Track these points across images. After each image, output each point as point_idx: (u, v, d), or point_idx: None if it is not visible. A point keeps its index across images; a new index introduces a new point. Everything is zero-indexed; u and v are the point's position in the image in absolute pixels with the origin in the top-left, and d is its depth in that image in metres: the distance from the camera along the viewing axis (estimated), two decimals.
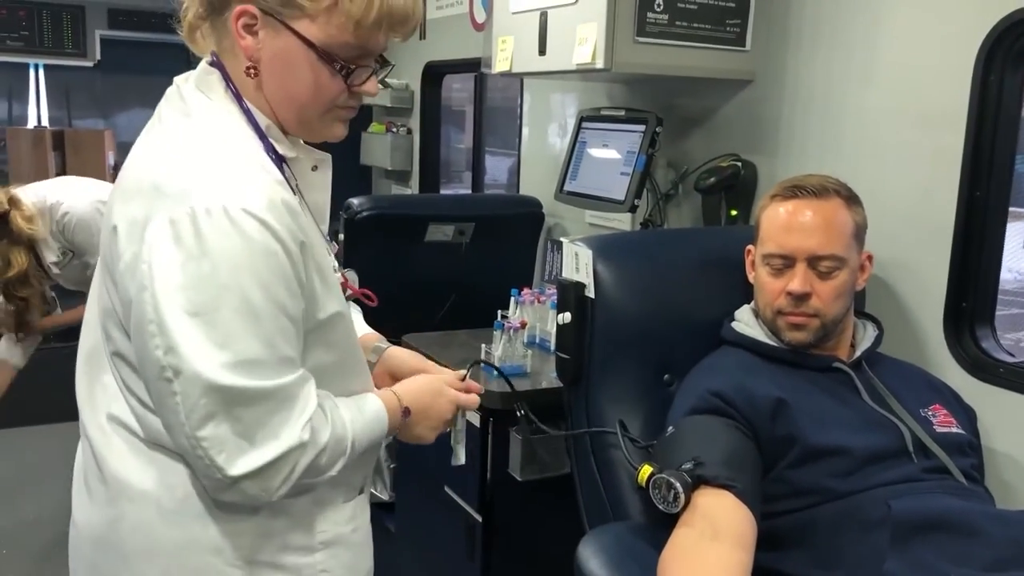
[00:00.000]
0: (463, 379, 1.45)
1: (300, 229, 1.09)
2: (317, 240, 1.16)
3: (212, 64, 1.17)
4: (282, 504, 1.17)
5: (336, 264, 1.27)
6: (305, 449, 1.09)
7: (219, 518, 1.17)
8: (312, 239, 1.12)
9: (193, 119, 1.15)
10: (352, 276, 1.46)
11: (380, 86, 1.23)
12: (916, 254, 1.84)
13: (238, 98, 1.16)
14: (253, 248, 1.04)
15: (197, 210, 1.03)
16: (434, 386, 1.38)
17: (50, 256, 2.81)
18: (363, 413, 1.22)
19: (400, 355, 1.52)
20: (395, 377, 1.46)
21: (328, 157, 1.28)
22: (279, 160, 1.17)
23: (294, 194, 1.14)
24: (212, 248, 1.03)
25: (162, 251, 1.04)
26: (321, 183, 1.27)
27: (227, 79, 1.16)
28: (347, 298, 1.30)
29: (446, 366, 2.15)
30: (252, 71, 1.14)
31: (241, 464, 1.06)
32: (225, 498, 1.12)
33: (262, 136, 1.15)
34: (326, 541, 1.25)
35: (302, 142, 1.24)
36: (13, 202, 2.69)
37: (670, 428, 1.49)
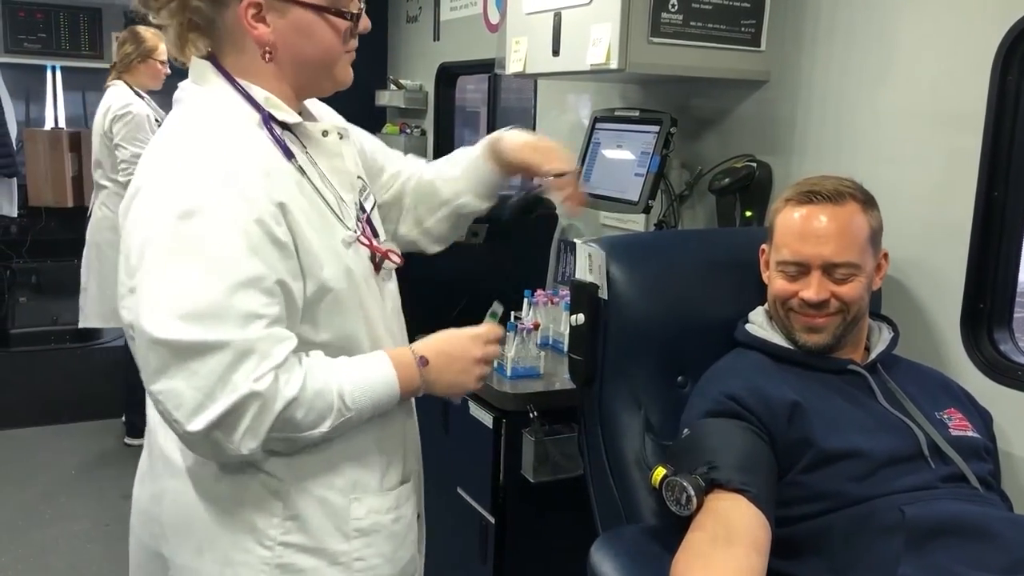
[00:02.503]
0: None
1: (279, 190, 1.13)
2: (307, 205, 1.18)
3: (202, 57, 1.24)
4: (316, 488, 1.21)
5: (357, 233, 1.26)
6: (262, 400, 1.08)
7: (251, 498, 1.20)
8: (295, 203, 1.15)
9: (184, 104, 1.23)
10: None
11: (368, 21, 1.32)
12: (933, 255, 1.83)
13: (230, 80, 1.21)
14: (219, 205, 1.09)
15: (169, 171, 1.12)
16: (449, 331, 1.38)
17: None
18: (362, 368, 1.21)
19: (511, 136, 1.55)
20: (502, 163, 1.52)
21: (348, 128, 1.37)
22: (283, 128, 1.22)
23: (291, 159, 1.20)
24: (177, 206, 1.08)
25: (134, 213, 1.13)
26: (335, 149, 1.30)
27: (217, 66, 1.22)
28: (377, 263, 1.30)
29: None
30: (268, 55, 1.20)
31: (198, 419, 1.07)
32: (198, 453, 1.15)
33: (259, 108, 1.20)
34: (363, 529, 1.26)
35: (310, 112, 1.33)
36: None
37: (685, 430, 1.48)
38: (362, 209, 1.32)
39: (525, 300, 2.40)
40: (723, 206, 2.26)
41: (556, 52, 2.25)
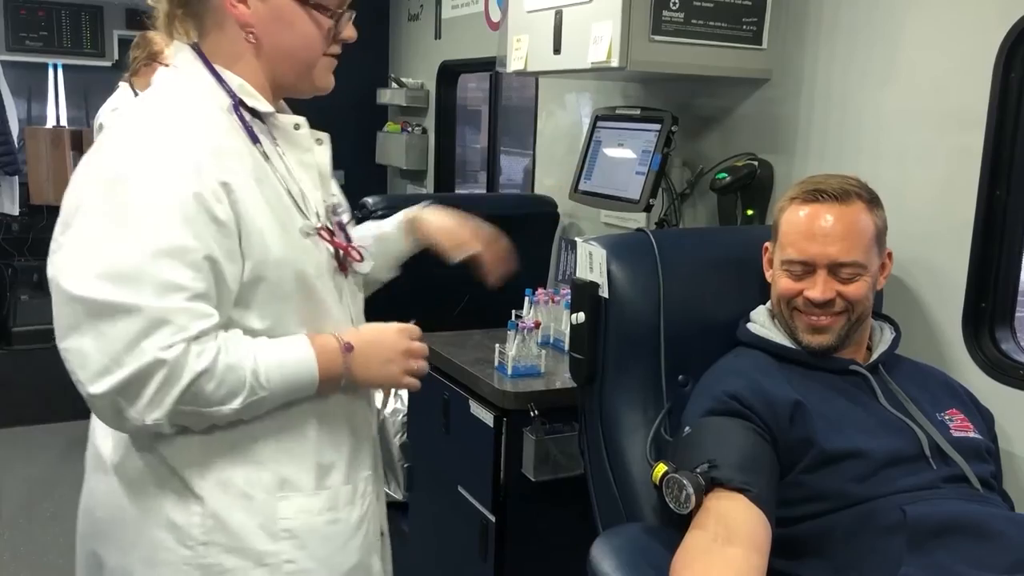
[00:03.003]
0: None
1: (229, 171, 1.14)
2: (263, 190, 1.18)
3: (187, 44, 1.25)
4: (239, 485, 1.19)
5: (317, 225, 1.25)
6: (169, 369, 1.06)
7: (173, 495, 1.18)
8: (246, 185, 1.15)
9: (154, 86, 1.25)
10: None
11: (355, 30, 1.31)
12: (935, 254, 1.82)
13: (208, 65, 1.22)
14: (156, 173, 1.09)
15: (115, 140, 1.15)
16: (376, 324, 1.37)
17: None
18: (279, 348, 1.19)
19: (429, 215, 1.60)
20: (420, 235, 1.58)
21: (325, 136, 1.35)
22: (253, 115, 1.23)
23: (256, 143, 1.21)
24: (114, 170, 1.10)
25: (75, 177, 1.15)
26: (305, 144, 1.30)
27: (199, 53, 1.23)
28: (341, 259, 1.29)
29: (461, 367, 2.17)
30: (251, 36, 1.21)
31: (102, 382, 1.06)
32: (103, 419, 1.13)
33: (231, 94, 1.21)
34: (292, 529, 1.22)
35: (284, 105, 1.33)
36: None
37: (687, 428, 1.47)
38: (334, 212, 1.33)
39: (526, 299, 2.40)
40: (724, 205, 2.26)
41: (557, 50, 2.25)
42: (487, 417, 2.06)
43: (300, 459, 1.25)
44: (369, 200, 2.74)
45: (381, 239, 1.59)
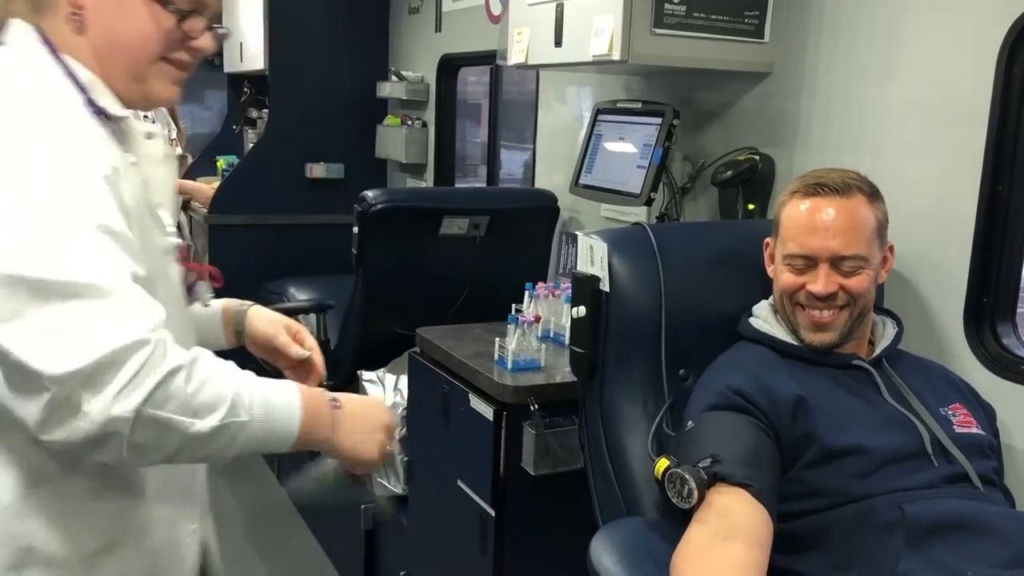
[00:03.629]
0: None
1: (112, 159, 1.02)
2: (132, 193, 1.05)
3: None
4: (43, 551, 1.03)
5: (176, 243, 1.15)
6: (152, 351, 0.93)
7: None
8: (124, 182, 1.03)
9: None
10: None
11: (215, 44, 1.15)
12: (937, 249, 1.82)
13: (53, 51, 1.06)
14: (74, 156, 0.98)
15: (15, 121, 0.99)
16: (363, 397, 1.26)
17: None
18: (264, 381, 1.07)
19: (259, 312, 1.42)
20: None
21: (174, 152, 1.21)
22: (104, 118, 1.08)
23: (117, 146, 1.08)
24: (33, 151, 0.97)
25: None
26: (156, 154, 1.16)
27: (41, 35, 1.07)
28: (190, 282, 1.18)
29: (460, 360, 2.17)
30: (75, 16, 1.05)
31: (69, 360, 0.90)
32: (49, 420, 0.92)
33: (82, 89, 1.06)
34: (96, 550, 1.07)
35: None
36: None
37: (689, 423, 1.47)
38: (179, 233, 1.20)
39: (526, 293, 2.39)
40: (725, 199, 2.25)
41: (558, 43, 2.24)
42: (487, 411, 2.06)
43: (119, 517, 1.09)
44: (369, 194, 2.74)
45: (210, 323, 1.40)
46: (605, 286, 1.66)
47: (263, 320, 1.42)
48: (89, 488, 1.06)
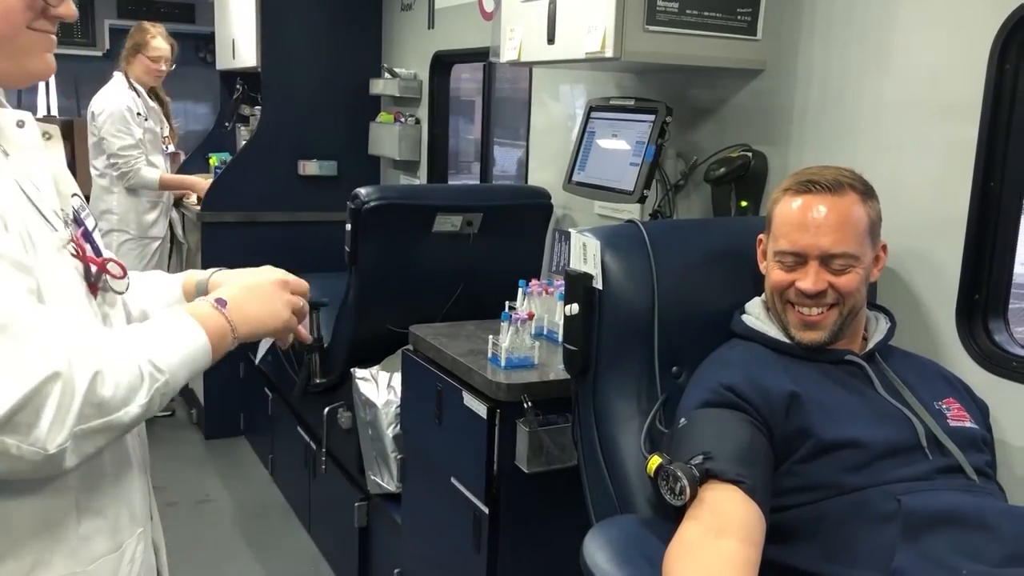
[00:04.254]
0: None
1: None
2: (9, 194, 0.98)
3: None
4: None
5: (68, 237, 1.06)
6: (64, 380, 0.89)
7: None
8: None
9: None
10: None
11: (75, 10, 1.09)
12: (929, 246, 1.82)
13: None
14: None
15: None
16: (242, 270, 1.24)
17: None
18: (159, 326, 1.05)
19: (222, 275, 1.34)
20: None
21: (54, 130, 1.12)
22: None
23: None
24: None
25: None
26: (32, 142, 1.08)
27: None
28: (93, 281, 1.09)
29: (454, 358, 2.17)
30: None
31: None
32: None
33: None
34: (26, 571, 1.00)
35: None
36: None
37: (682, 420, 1.47)
38: (76, 222, 1.10)
39: (520, 290, 2.39)
40: (718, 196, 2.25)
41: (551, 40, 2.23)
42: (480, 408, 2.06)
43: (44, 534, 1.02)
44: (362, 191, 2.73)
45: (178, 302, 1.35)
46: (598, 283, 1.66)
47: (227, 278, 1.33)
48: (9, 509, 0.99)
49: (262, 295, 1.19)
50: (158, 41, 4.16)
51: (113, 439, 0.98)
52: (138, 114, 4.13)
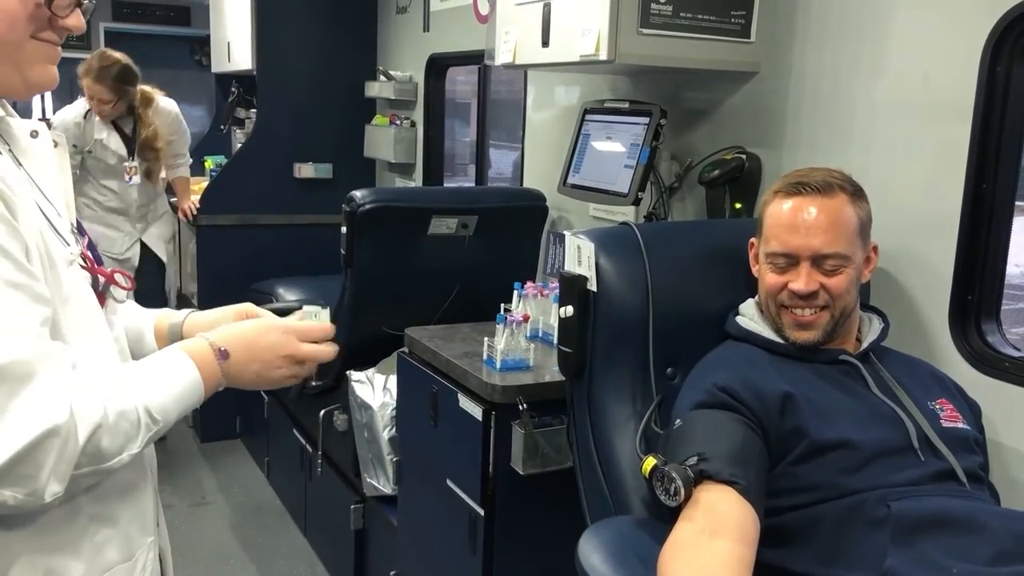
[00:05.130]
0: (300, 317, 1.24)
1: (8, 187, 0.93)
2: (30, 212, 0.97)
3: None
4: None
5: (78, 249, 1.06)
6: (64, 435, 0.89)
7: None
8: (17, 196, 0.94)
9: None
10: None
11: (83, 22, 1.08)
12: (922, 247, 1.83)
13: None
14: None
15: None
16: (258, 322, 1.19)
17: None
18: (162, 373, 1.05)
19: (197, 319, 1.30)
20: None
21: (61, 138, 1.13)
22: None
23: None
24: None
25: None
26: (45, 153, 1.08)
27: None
28: (101, 291, 1.10)
29: (449, 360, 2.17)
30: None
31: None
32: None
33: None
34: None
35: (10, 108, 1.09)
36: None
37: (676, 421, 1.48)
38: (80, 232, 1.10)
39: (515, 292, 2.39)
40: (713, 198, 2.26)
41: (545, 43, 2.24)
42: (475, 411, 2.06)
43: (65, 542, 1.03)
44: (357, 194, 2.74)
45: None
46: (592, 286, 1.67)
47: (203, 323, 1.29)
48: (29, 520, 0.99)
49: (262, 364, 1.16)
50: (87, 81, 3.90)
51: (103, 477, 0.99)
52: (76, 124, 4.02)
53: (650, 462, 1.39)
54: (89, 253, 1.09)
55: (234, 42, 4.50)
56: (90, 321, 1.05)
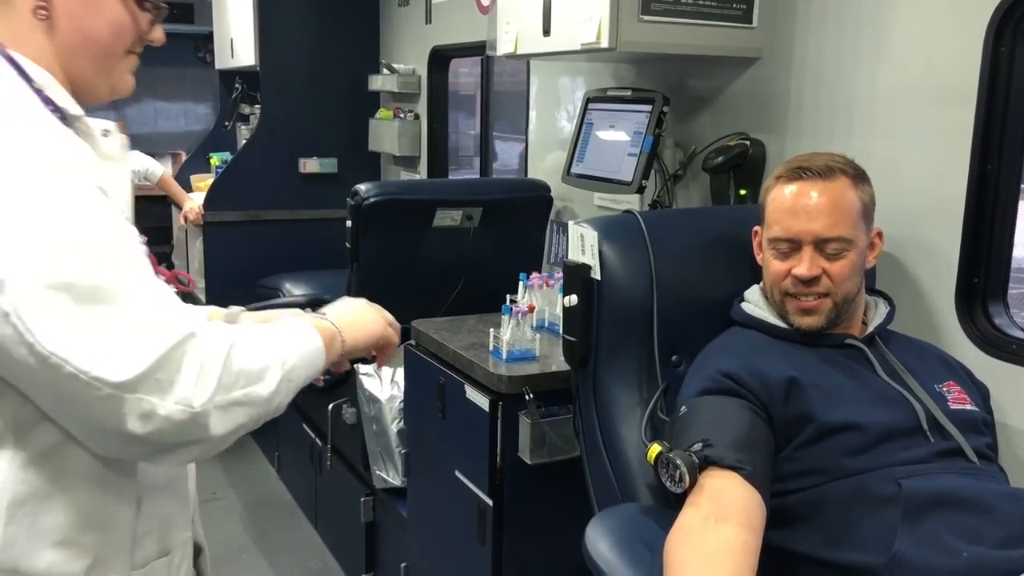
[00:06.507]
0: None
1: (97, 172, 0.96)
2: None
3: None
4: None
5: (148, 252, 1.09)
6: (202, 339, 0.91)
7: None
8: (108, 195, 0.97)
9: None
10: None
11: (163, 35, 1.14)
12: (928, 231, 1.82)
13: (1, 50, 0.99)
14: (74, 164, 0.93)
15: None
16: (339, 301, 1.26)
17: None
18: (270, 326, 1.07)
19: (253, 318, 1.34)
20: None
21: (125, 139, 1.15)
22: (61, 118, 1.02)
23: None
24: (33, 157, 0.90)
25: None
26: (115, 154, 1.10)
27: None
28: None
29: (456, 352, 2.18)
30: (42, 12, 1.00)
31: (129, 366, 0.86)
32: (122, 427, 0.88)
33: (38, 90, 0.99)
34: (83, 570, 0.98)
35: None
36: None
37: (682, 408, 1.48)
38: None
39: (520, 283, 2.39)
40: (717, 185, 2.25)
41: (547, 32, 2.23)
42: (483, 401, 2.06)
43: (112, 533, 1.02)
44: (361, 187, 2.74)
45: None
46: (596, 274, 1.67)
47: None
48: (72, 506, 0.97)
49: (356, 308, 1.23)
50: None
51: (253, 421, 0.97)
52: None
53: (655, 449, 1.39)
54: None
55: (237, 38, 4.51)
56: None
